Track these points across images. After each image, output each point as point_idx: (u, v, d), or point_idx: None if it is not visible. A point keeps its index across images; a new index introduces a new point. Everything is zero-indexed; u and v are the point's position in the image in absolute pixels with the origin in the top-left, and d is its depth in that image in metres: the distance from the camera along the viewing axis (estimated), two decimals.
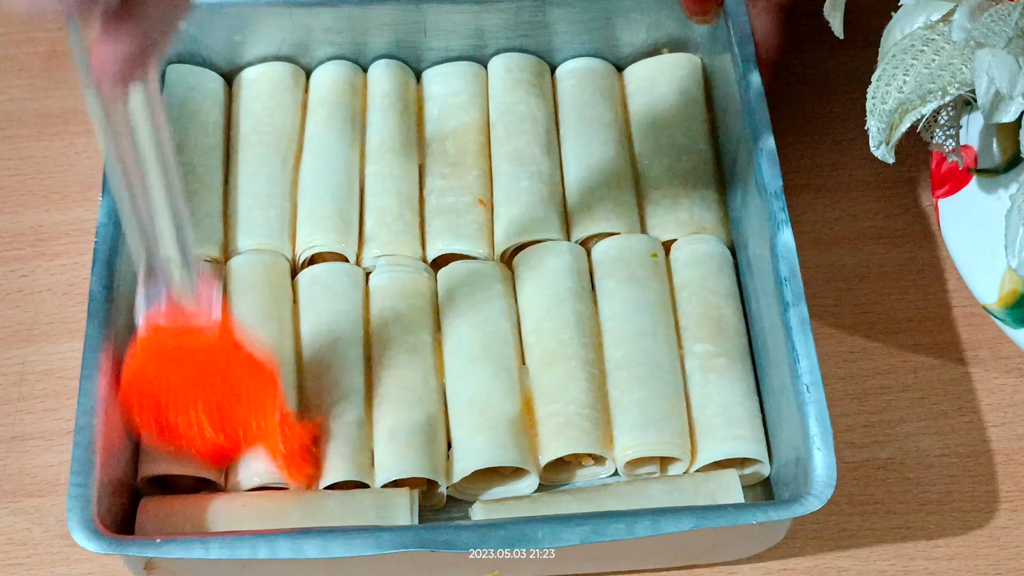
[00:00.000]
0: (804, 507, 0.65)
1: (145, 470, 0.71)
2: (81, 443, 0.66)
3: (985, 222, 0.73)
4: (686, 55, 0.86)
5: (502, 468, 0.73)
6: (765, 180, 0.74)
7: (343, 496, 0.70)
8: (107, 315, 0.70)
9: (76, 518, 0.64)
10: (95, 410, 0.67)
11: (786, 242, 0.72)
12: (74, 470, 0.65)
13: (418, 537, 0.64)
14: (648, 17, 0.85)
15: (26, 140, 0.88)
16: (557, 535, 0.64)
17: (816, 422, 0.67)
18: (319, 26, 0.83)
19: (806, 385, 0.68)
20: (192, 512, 0.69)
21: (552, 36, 0.85)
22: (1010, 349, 0.80)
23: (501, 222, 0.80)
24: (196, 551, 0.64)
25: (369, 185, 0.81)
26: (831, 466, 0.67)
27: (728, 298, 0.77)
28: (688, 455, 0.73)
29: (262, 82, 0.84)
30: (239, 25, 0.82)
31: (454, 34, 0.84)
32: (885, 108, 0.68)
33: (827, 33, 0.74)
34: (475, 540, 0.64)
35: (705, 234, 0.79)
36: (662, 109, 0.84)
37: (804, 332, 0.70)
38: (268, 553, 0.63)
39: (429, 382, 0.74)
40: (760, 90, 0.78)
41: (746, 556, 0.73)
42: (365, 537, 0.64)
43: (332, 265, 0.78)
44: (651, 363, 0.74)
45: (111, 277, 0.71)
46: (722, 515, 0.65)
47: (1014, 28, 0.64)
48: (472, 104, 0.84)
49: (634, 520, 0.65)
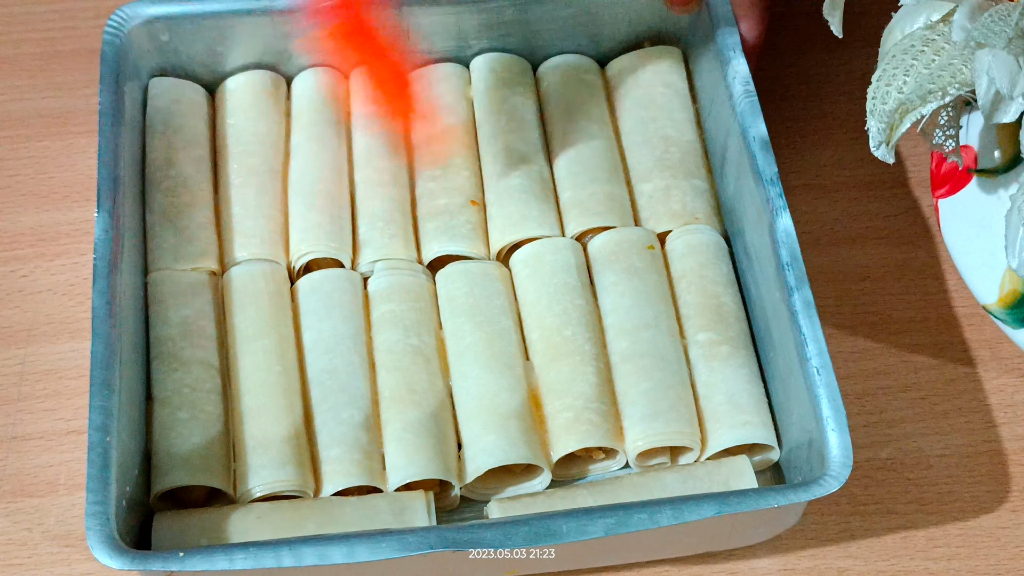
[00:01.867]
0: (824, 488, 0.66)
1: (158, 485, 0.70)
2: (95, 460, 0.65)
3: (985, 222, 0.74)
4: (667, 47, 0.86)
5: (513, 466, 0.73)
6: (760, 167, 0.75)
7: (358, 502, 0.70)
8: (111, 330, 0.69)
9: (96, 536, 0.63)
10: (106, 427, 0.66)
11: (785, 227, 0.72)
12: (90, 488, 0.65)
13: (443, 537, 0.64)
14: (629, 12, 0.85)
15: (26, 140, 0.88)
16: (582, 528, 0.64)
17: (828, 403, 0.68)
18: (301, 33, 0.82)
19: (816, 368, 0.69)
20: (208, 525, 0.69)
21: (534, 34, 0.85)
22: (1010, 349, 0.81)
23: (495, 221, 0.80)
24: (220, 563, 0.63)
25: (359, 191, 0.81)
26: (847, 446, 0.67)
27: (727, 286, 0.78)
28: (699, 443, 0.73)
29: (244, 91, 0.84)
30: (221, 35, 0.82)
31: (436, 36, 0.84)
32: (885, 108, 0.68)
33: (827, 33, 0.74)
34: (500, 538, 0.64)
35: (699, 224, 0.80)
36: (648, 102, 0.84)
37: (810, 315, 0.70)
38: (293, 561, 0.63)
39: (435, 383, 0.74)
40: (748, 77, 0.78)
41: (761, 540, 0.73)
42: (390, 540, 0.64)
43: (330, 272, 0.78)
44: (655, 354, 0.75)
45: (112, 292, 0.70)
46: (743, 500, 0.65)
47: (1014, 28, 0.64)
48: (457, 105, 0.84)
49: (657, 510, 0.65)
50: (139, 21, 0.80)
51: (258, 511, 0.69)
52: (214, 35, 0.82)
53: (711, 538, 0.71)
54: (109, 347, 0.68)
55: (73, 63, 0.91)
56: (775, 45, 0.93)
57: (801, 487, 0.66)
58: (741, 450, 0.74)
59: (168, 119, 0.81)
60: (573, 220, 0.80)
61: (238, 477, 0.71)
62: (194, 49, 0.83)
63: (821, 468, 0.67)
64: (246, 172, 0.80)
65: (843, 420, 0.67)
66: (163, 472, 0.70)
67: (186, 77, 0.84)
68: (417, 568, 0.66)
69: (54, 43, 0.93)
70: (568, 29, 0.85)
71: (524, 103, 0.84)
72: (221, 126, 0.83)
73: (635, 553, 0.71)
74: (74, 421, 0.77)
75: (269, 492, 0.70)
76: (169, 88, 0.83)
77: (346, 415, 0.72)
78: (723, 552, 0.73)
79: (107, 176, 0.74)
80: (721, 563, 0.73)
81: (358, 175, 0.81)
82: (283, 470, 0.70)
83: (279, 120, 0.83)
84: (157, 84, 0.83)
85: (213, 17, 0.81)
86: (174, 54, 0.83)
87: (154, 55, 0.82)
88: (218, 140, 0.83)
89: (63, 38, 0.93)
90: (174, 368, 0.73)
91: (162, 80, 0.83)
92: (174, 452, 0.70)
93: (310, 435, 0.73)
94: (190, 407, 0.72)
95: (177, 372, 0.73)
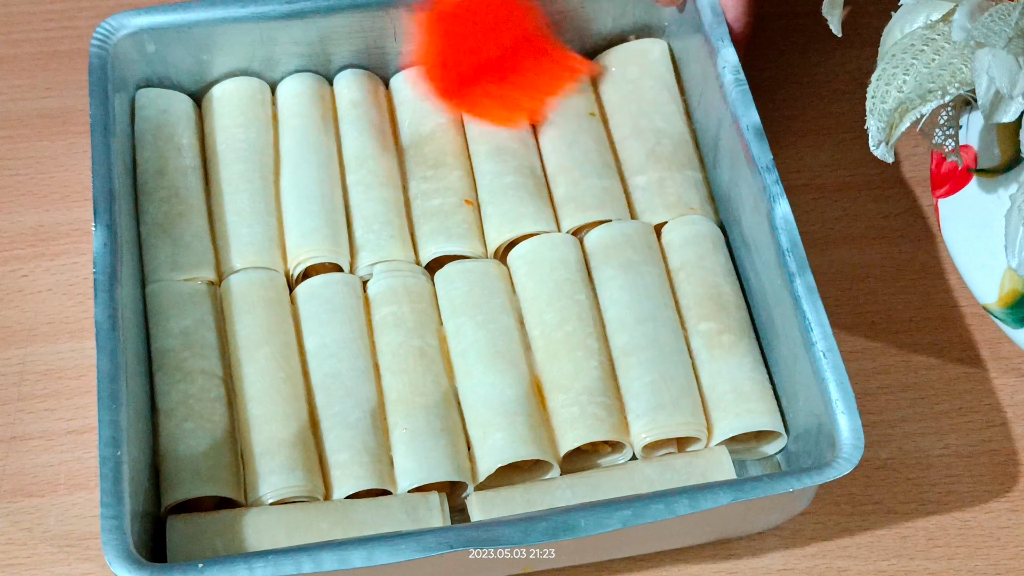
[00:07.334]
0: (836, 471, 0.66)
1: (169, 497, 0.70)
2: (108, 475, 0.65)
3: (985, 222, 0.74)
4: (653, 40, 0.86)
5: (521, 462, 0.73)
6: (755, 155, 0.75)
7: (372, 503, 0.70)
8: (115, 343, 0.69)
9: (113, 550, 0.63)
10: (117, 440, 0.66)
11: (784, 214, 0.73)
12: (104, 502, 0.64)
13: (461, 536, 0.64)
14: (613, 6, 0.85)
15: (26, 140, 0.88)
16: (600, 521, 0.64)
17: (836, 387, 0.68)
18: (287, 38, 0.82)
19: (822, 352, 0.69)
20: (222, 528, 0.69)
21: None
22: (1010, 349, 0.80)
23: (491, 220, 0.80)
24: (240, 571, 0.63)
25: (352, 195, 0.81)
26: (857, 429, 0.67)
27: (726, 276, 0.78)
28: (705, 433, 0.73)
29: (231, 99, 0.83)
30: (206, 44, 0.82)
31: None
32: (885, 108, 0.68)
33: (827, 33, 0.74)
34: (519, 535, 0.64)
35: (694, 214, 0.80)
36: (637, 95, 0.84)
37: (813, 300, 0.70)
38: (313, 567, 0.63)
39: (440, 383, 0.74)
40: (738, 66, 0.78)
41: (771, 527, 0.73)
42: (409, 541, 0.63)
43: (328, 276, 0.78)
44: (657, 346, 0.75)
45: (114, 305, 0.70)
46: (758, 486, 0.66)
47: (1014, 28, 0.64)
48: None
49: (673, 499, 0.65)
50: (126, 32, 0.80)
51: (270, 513, 0.69)
52: (199, 44, 0.82)
53: (723, 526, 0.72)
54: (115, 360, 0.68)
55: (73, 63, 0.91)
56: (775, 45, 0.93)
57: (815, 471, 0.66)
58: (747, 438, 0.74)
59: (157, 130, 0.81)
60: (569, 215, 0.80)
61: (248, 485, 0.71)
62: (180, 58, 0.82)
63: (832, 452, 0.67)
64: (238, 179, 0.80)
65: (852, 402, 0.67)
66: (173, 484, 0.70)
67: (172, 86, 0.83)
68: (429, 567, 0.66)
69: (54, 43, 0.93)
70: (553, 24, 0.85)
71: None
72: (210, 134, 0.83)
73: (648, 544, 0.72)
74: (74, 421, 0.77)
75: (280, 498, 0.70)
76: (156, 99, 0.82)
77: (353, 419, 0.72)
78: (723, 551, 0.74)
79: (102, 188, 0.74)
80: (721, 562, 0.73)
81: (350, 178, 0.81)
82: (293, 475, 0.70)
83: (267, 126, 0.83)
84: (144, 95, 0.82)
85: (198, 26, 0.81)
86: (160, 64, 0.82)
87: (141, 65, 0.82)
88: (208, 148, 0.82)
89: (63, 38, 0.93)
90: (178, 379, 0.73)
91: (149, 91, 0.83)
92: (183, 463, 0.70)
93: (317, 440, 0.73)
94: (196, 417, 0.72)
95: (181, 383, 0.73)
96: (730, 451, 0.74)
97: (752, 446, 0.75)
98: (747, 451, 0.75)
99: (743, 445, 0.75)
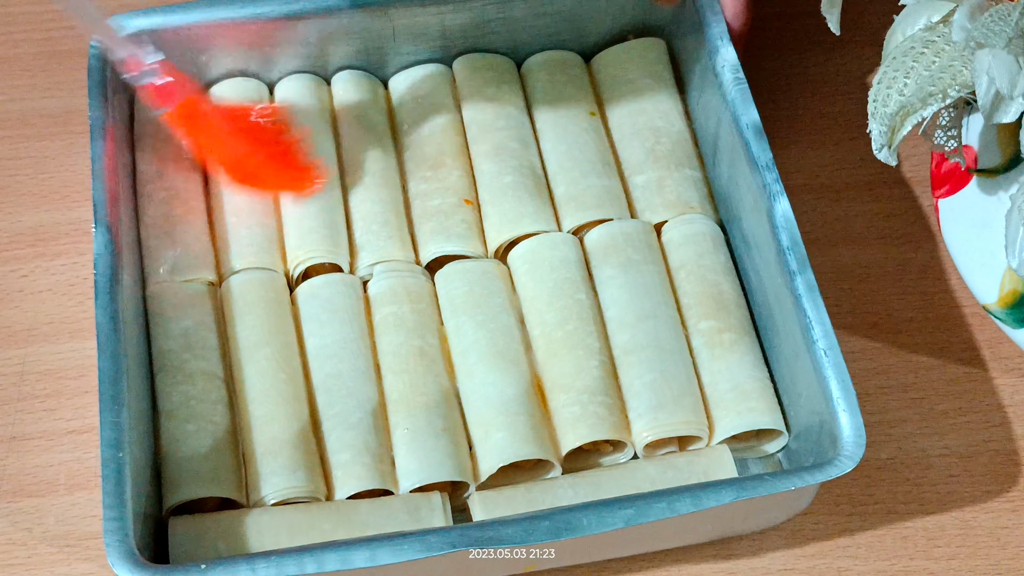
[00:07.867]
0: (838, 468, 0.66)
1: (171, 498, 0.70)
2: (110, 476, 0.65)
3: (985, 222, 0.74)
4: (652, 39, 0.86)
5: (523, 462, 0.73)
6: (755, 154, 0.75)
7: (373, 504, 0.70)
8: (116, 345, 0.69)
9: (116, 552, 0.63)
10: (119, 442, 0.66)
11: (784, 211, 0.73)
12: (106, 504, 0.64)
13: (465, 536, 0.64)
14: (612, 6, 0.85)
15: (26, 140, 0.88)
16: (603, 520, 0.64)
17: (838, 385, 0.68)
18: (286, 39, 0.82)
19: (823, 350, 0.69)
20: (224, 529, 0.69)
21: (517, 32, 0.85)
22: (1010, 349, 0.81)
23: (491, 219, 0.80)
24: (243, 572, 0.63)
25: (351, 194, 0.81)
26: (859, 426, 0.67)
27: (726, 274, 0.78)
28: (706, 431, 0.73)
29: (229, 100, 0.83)
30: (204, 45, 0.82)
31: (422, 37, 0.84)
32: (886, 111, 0.68)
33: (827, 33, 0.74)
34: (522, 534, 0.64)
35: (694, 213, 0.80)
36: (635, 94, 0.84)
37: (813, 298, 0.70)
38: (316, 567, 0.63)
39: (441, 383, 0.74)
40: (737, 65, 0.78)
41: (773, 525, 0.73)
42: (412, 542, 0.63)
43: (329, 277, 0.78)
44: (658, 345, 0.75)
45: (115, 307, 0.70)
46: (761, 485, 0.66)
47: (1014, 28, 0.64)
48: (443, 105, 0.84)
49: (676, 499, 0.65)
50: (126, 33, 0.80)
51: (272, 514, 0.69)
52: (197, 45, 0.82)
53: (725, 524, 0.72)
54: (116, 362, 0.68)
55: (73, 63, 0.91)
56: (775, 45, 0.93)
57: (817, 468, 0.67)
58: (748, 437, 0.74)
59: (156, 131, 0.81)
60: (569, 215, 0.80)
61: (250, 486, 0.71)
62: (177, 59, 0.82)
63: (834, 449, 0.68)
64: None
65: (853, 400, 0.68)
66: (175, 485, 0.70)
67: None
68: (432, 567, 0.66)
69: (54, 43, 0.93)
70: (551, 25, 0.85)
71: (510, 100, 0.84)
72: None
73: (649, 543, 0.72)
74: (74, 421, 0.77)
75: (282, 499, 0.70)
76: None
77: (354, 419, 0.72)
78: (724, 551, 0.74)
79: (102, 189, 0.74)
80: (721, 562, 0.73)
81: (349, 178, 0.81)
82: (294, 476, 0.70)
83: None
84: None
85: (196, 27, 0.81)
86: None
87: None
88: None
89: (63, 38, 0.93)
90: (178, 380, 0.73)
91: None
92: (184, 464, 0.70)
93: (318, 441, 0.73)
94: (197, 419, 0.72)
95: (182, 384, 0.73)
96: (731, 450, 0.74)
97: (753, 444, 0.75)
98: (748, 449, 0.75)
99: (744, 444, 0.75)
